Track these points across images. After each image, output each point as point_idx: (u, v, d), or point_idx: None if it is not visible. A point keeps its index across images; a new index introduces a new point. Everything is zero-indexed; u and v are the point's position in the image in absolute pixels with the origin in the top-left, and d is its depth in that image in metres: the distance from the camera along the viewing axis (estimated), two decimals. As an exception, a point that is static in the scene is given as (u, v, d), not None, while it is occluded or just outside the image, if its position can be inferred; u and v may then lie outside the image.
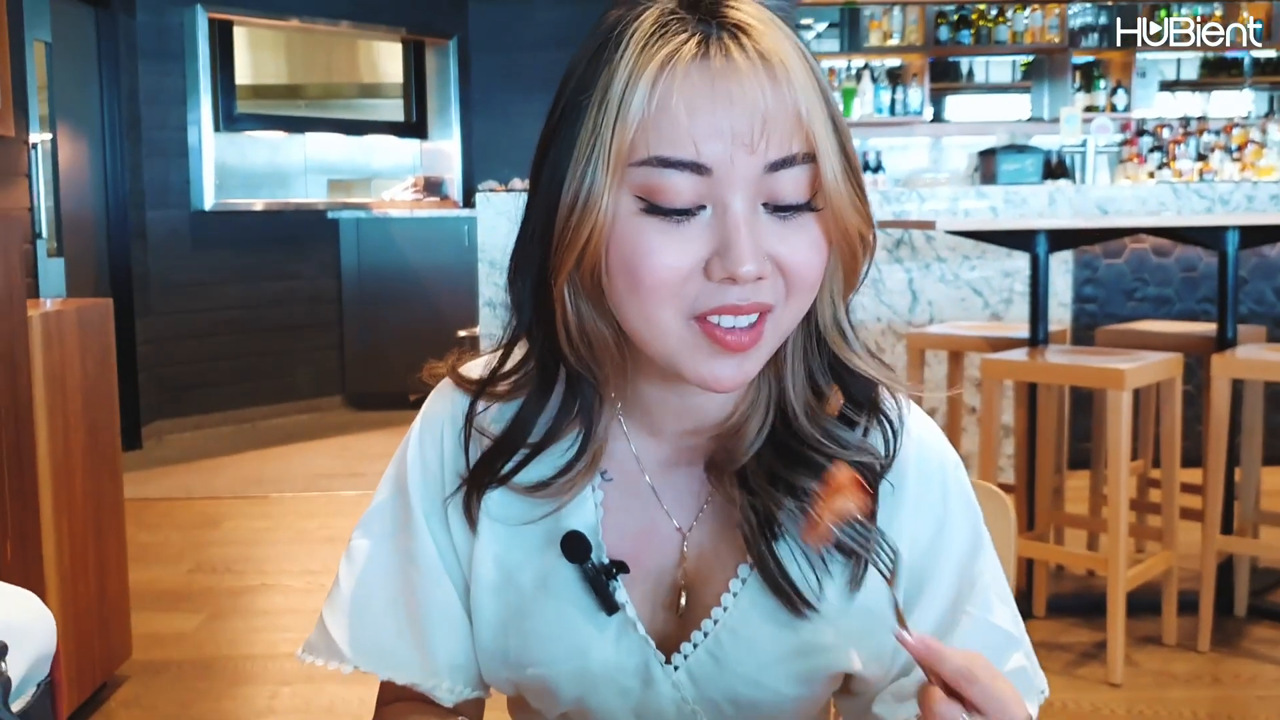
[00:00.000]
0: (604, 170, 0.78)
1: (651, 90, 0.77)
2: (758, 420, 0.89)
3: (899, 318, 4.84)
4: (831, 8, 7.34)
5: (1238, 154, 7.04)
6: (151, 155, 6.20)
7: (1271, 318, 5.03)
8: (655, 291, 0.79)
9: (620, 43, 0.79)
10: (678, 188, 0.78)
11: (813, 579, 0.88)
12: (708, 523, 0.92)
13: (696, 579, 0.91)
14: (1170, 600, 3.19)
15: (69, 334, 2.82)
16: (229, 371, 6.47)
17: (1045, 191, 5.02)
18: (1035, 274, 3.39)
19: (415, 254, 6.80)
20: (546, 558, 0.90)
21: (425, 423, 0.96)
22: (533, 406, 0.89)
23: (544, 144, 0.84)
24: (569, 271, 0.82)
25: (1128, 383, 2.88)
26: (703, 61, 0.77)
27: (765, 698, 0.90)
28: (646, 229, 0.79)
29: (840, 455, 0.87)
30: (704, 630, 0.90)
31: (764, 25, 0.79)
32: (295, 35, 7.08)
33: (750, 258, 0.78)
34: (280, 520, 4.61)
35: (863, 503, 0.81)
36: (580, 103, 0.80)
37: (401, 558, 0.94)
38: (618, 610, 0.89)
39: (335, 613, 0.94)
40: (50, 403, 2.71)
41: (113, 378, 3.06)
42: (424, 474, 0.94)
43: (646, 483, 0.92)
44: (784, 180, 0.79)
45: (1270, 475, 4.24)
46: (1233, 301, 3.32)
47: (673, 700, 0.90)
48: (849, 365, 0.89)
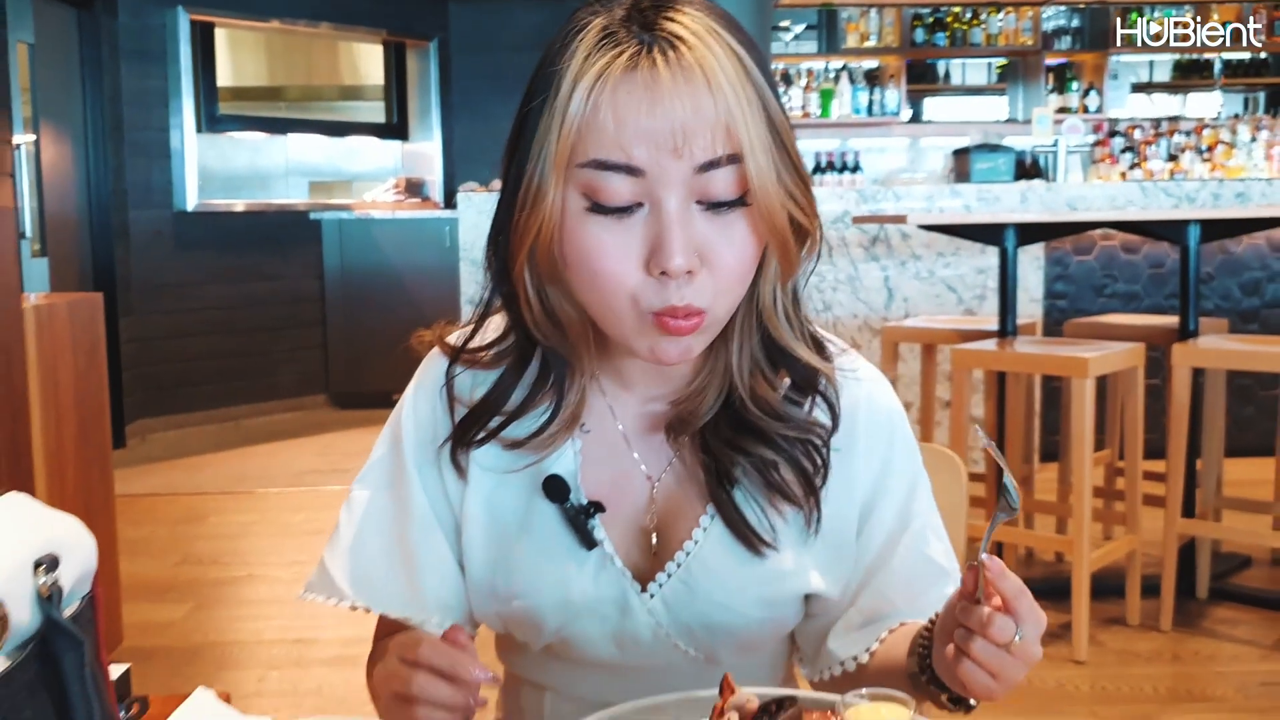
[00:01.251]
0: (551, 169, 0.88)
1: (587, 98, 0.86)
2: (714, 391, 0.99)
3: (875, 314, 4.93)
4: (809, 9, 7.44)
5: (1208, 154, 7.17)
6: (134, 156, 6.25)
7: (1238, 313, 5.15)
8: (608, 285, 0.89)
9: (568, 50, 0.89)
10: (615, 188, 0.87)
11: (767, 524, 0.98)
12: (676, 473, 1.02)
13: (666, 520, 1.02)
14: (1134, 582, 3.29)
15: (60, 327, 2.88)
16: (212, 371, 6.51)
17: (1017, 190, 5.12)
18: (1004, 267, 3.49)
19: (397, 254, 6.86)
20: (531, 501, 1.00)
21: (419, 385, 1.06)
22: (510, 377, 0.99)
23: (511, 138, 0.93)
24: (523, 259, 0.92)
25: (1090, 370, 2.98)
26: (631, 74, 0.86)
27: (734, 621, 0.99)
28: (592, 225, 0.89)
29: (782, 430, 0.98)
30: (677, 562, 1.00)
31: (698, 37, 0.87)
32: (276, 37, 7.14)
33: (679, 252, 0.87)
34: (265, 515, 4.66)
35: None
36: (535, 105, 0.90)
37: (396, 507, 1.03)
38: (596, 546, 0.99)
39: (335, 555, 1.04)
40: (43, 395, 2.78)
41: (103, 371, 3.12)
42: (417, 431, 1.04)
43: (621, 435, 1.03)
44: (714, 180, 0.87)
45: (1239, 466, 4.37)
46: (1194, 294, 3.42)
47: (649, 626, 1.00)
48: (784, 348, 0.98)
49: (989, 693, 0.83)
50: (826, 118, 7.49)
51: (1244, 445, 4.88)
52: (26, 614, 0.73)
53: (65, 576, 0.77)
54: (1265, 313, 5.11)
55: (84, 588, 0.81)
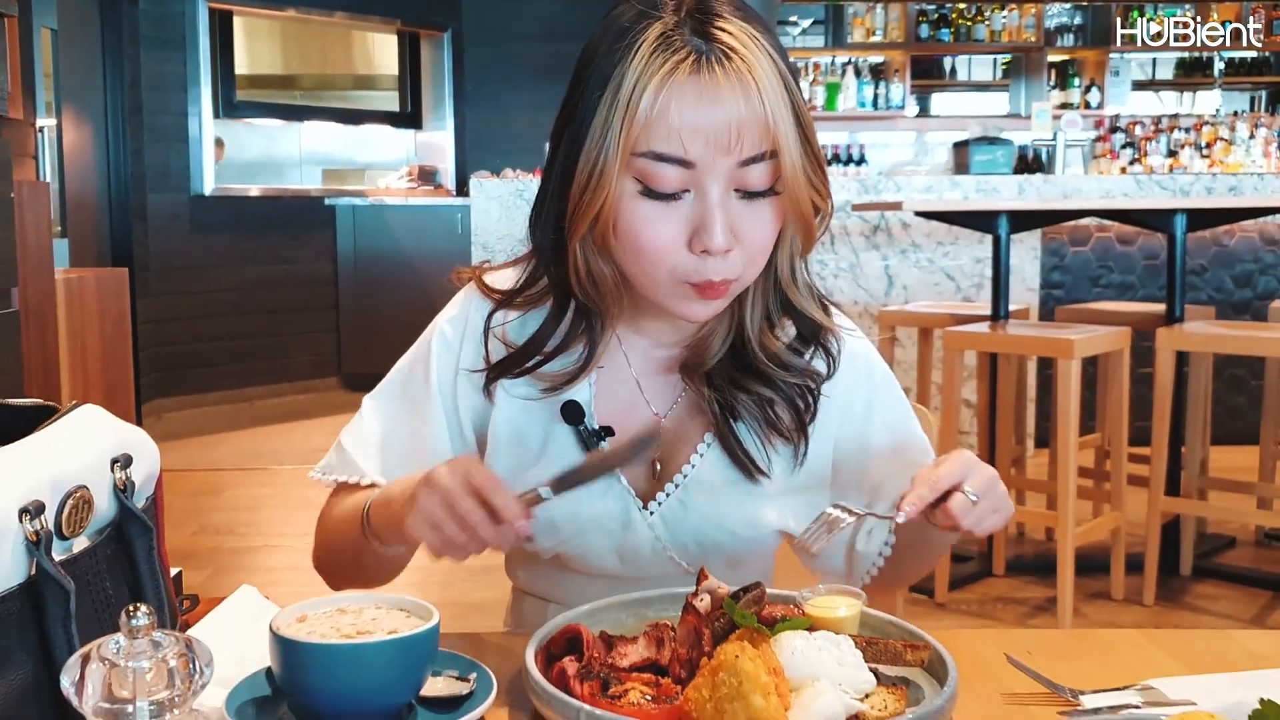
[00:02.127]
0: (613, 156, 1.01)
1: (654, 97, 0.99)
2: (720, 336, 1.15)
3: (875, 301, 5.05)
4: (816, 5, 7.55)
5: (1207, 150, 7.27)
6: (153, 140, 6.37)
7: (1230, 305, 5.26)
8: (652, 260, 1.04)
9: (631, 48, 1.00)
10: (668, 176, 1.00)
11: (764, 453, 1.13)
12: (679, 412, 1.18)
13: (668, 452, 1.16)
14: (1118, 559, 3.41)
15: (89, 299, 3.01)
16: (227, 352, 6.64)
17: (1015, 181, 5.23)
18: (997, 253, 3.61)
19: (410, 240, 6.98)
20: (551, 426, 1.15)
21: (452, 318, 1.19)
22: (550, 326, 1.14)
23: (563, 120, 1.07)
24: (583, 234, 1.06)
25: (1076, 351, 3.09)
26: (694, 77, 0.99)
27: (724, 538, 1.14)
28: (643, 207, 1.02)
29: (784, 375, 1.13)
30: (675, 483, 1.14)
31: (746, 48, 1.00)
32: (292, 26, 7.26)
33: (720, 235, 1.01)
34: (280, 489, 4.80)
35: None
36: (596, 94, 1.01)
37: (412, 407, 1.18)
38: None
39: (352, 438, 1.18)
40: (71, 361, 2.91)
41: (128, 343, 3.25)
42: (445, 352, 1.18)
43: (632, 376, 1.18)
44: (752, 172, 1.01)
45: (1230, 454, 4.48)
46: (1180, 280, 3.53)
47: (648, 541, 1.14)
48: (798, 308, 1.14)
49: (986, 529, 0.98)
50: (832, 111, 7.59)
51: (1235, 433, 4.99)
52: (106, 502, 0.86)
53: (136, 474, 0.90)
54: (1257, 304, 5.21)
55: (149, 489, 0.94)
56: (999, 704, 0.91)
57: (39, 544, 0.75)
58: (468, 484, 0.92)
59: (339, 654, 0.80)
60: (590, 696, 0.82)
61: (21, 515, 0.75)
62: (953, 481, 0.95)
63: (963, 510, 0.95)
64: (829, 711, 0.80)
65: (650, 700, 0.83)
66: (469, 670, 0.89)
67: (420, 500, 0.93)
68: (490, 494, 0.92)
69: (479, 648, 0.94)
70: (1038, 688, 0.92)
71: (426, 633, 0.83)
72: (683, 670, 0.87)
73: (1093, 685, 0.93)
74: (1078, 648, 1.06)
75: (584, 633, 0.90)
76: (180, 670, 0.61)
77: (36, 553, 0.75)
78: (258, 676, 0.87)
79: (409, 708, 0.85)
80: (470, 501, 0.92)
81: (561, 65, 6.69)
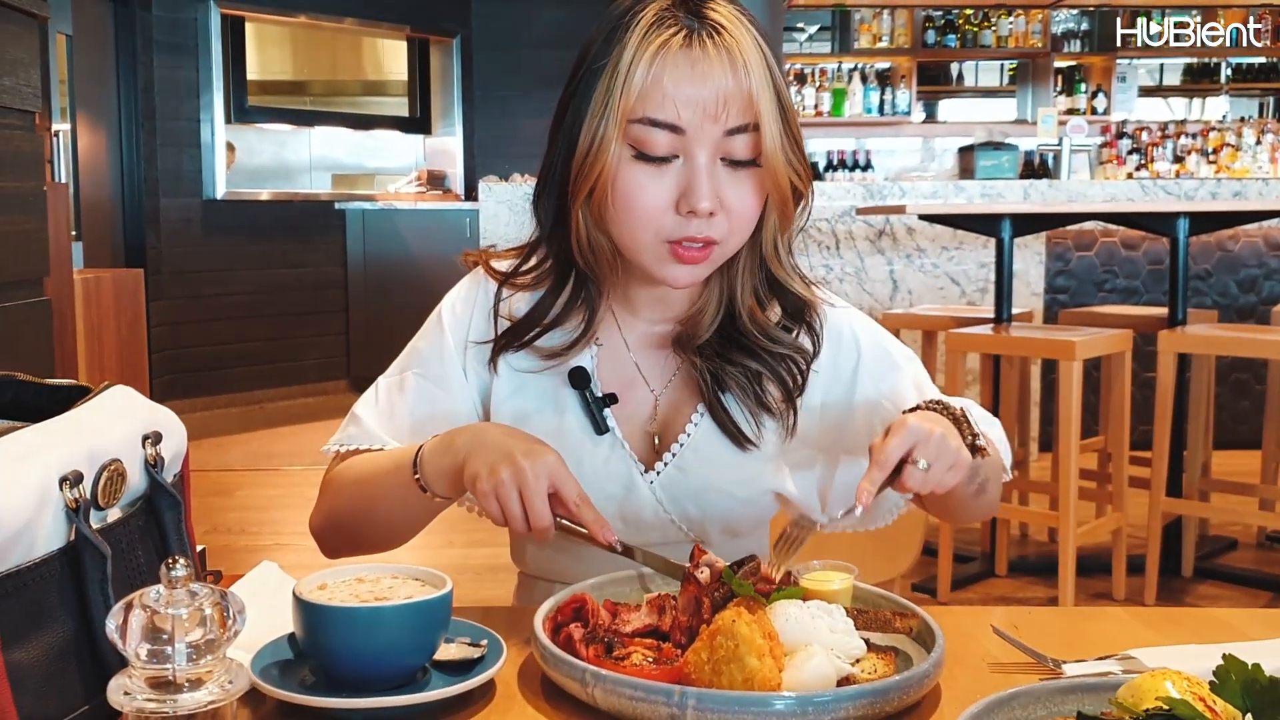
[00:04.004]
0: (614, 124, 1.09)
1: (649, 68, 1.07)
2: (711, 312, 1.22)
3: (880, 305, 5.09)
4: (823, 11, 7.60)
5: (1213, 156, 7.31)
6: (165, 145, 6.44)
7: (1235, 309, 5.29)
8: (641, 220, 1.11)
9: (629, 27, 1.09)
10: (659, 141, 1.09)
11: (752, 424, 1.20)
12: (674, 389, 1.24)
13: (665, 424, 1.23)
14: (1120, 560, 3.44)
15: (106, 299, 3.07)
16: (238, 355, 6.70)
17: (1020, 186, 5.28)
18: (1000, 256, 3.65)
19: (419, 244, 7.04)
20: (553, 395, 1.22)
21: (460, 299, 1.26)
22: (550, 298, 1.22)
23: (565, 99, 1.16)
24: (583, 199, 1.13)
25: (1078, 353, 3.13)
26: (686, 51, 1.08)
27: (722, 502, 1.20)
28: (635, 171, 1.11)
29: (773, 350, 1.20)
30: (672, 452, 1.21)
31: (734, 26, 1.09)
32: (304, 32, 7.32)
33: (705, 197, 1.09)
34: (291, 489, 4.85)
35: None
36: (596, 69, 1.11)
37: (429, 376, 1.23)
38: (608, 431, 1.20)
39: (370, 410, 1.24)
40: (89, 359, 2.96)
41: (143, 342, 3.31)
42: (456, 324, 1.24)
43: (630, 357, 1.24)
44: (737, 142, 1.09)
45: (1233, 458, 4.51)
46: (1183, 284, 3.57)
47: (650, 505, 1.20)
48: (783, 284, 1.22)
49: (946, 486, 1.02)
50: (839, 117, 7.64)
51: (1239, 438, 5.02)
52: (137, 476, 0.90)
53: (165, 451, 0.94)
54: (1262, 309, 5.24)
55: (176, 466, 0.98)
56: (985, 672, 0.95)
57: (78, 511, 0.80)
58: (552, 487, 1.00)
59: (359, 617, 0.85)
60: (595, 659, 0.87)
61: (62, 484, 0.80)
62: (900, 454, 0.99)
63: (916, 481, 0.99)
64: (821, 674, 0.84)
65: (652, 662, 0.87)
66: (480, 637, 0.94)
67: (500, 475, 1.00)
68: (582, 510, 1.01)
69: (489, 618, 0.99)
70: (1022, 657, 0.97)
71: (441, 598, 0.87)
72: (683, 637, 0.92)
73: (1075, 656, 0.97)
74: (1063, 623, 1.10)
75: (589, 601, 0.94)
76: (215, 617, 0.66)
77: (76, 519, 0.80)
78: (280, 642, 0.92)
79: (423, 671, 0.90)
80: (545, 507, 1.00)
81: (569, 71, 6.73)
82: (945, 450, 1.01)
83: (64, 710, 0.79)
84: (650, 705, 0.81)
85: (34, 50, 2.12)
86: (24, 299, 2.08)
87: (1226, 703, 0.73)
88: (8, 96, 2.01)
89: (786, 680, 0.83)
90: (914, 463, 0.99)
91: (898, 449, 0.99)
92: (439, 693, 0.86)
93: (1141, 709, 0.73)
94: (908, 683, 0.85)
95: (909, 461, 0.99)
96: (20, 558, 0.77)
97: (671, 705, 0.80)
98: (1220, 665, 0.73)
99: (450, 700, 0.87)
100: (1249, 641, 0.99)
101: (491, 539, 4.42)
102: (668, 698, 0.80)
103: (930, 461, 0.99)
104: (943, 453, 1.00)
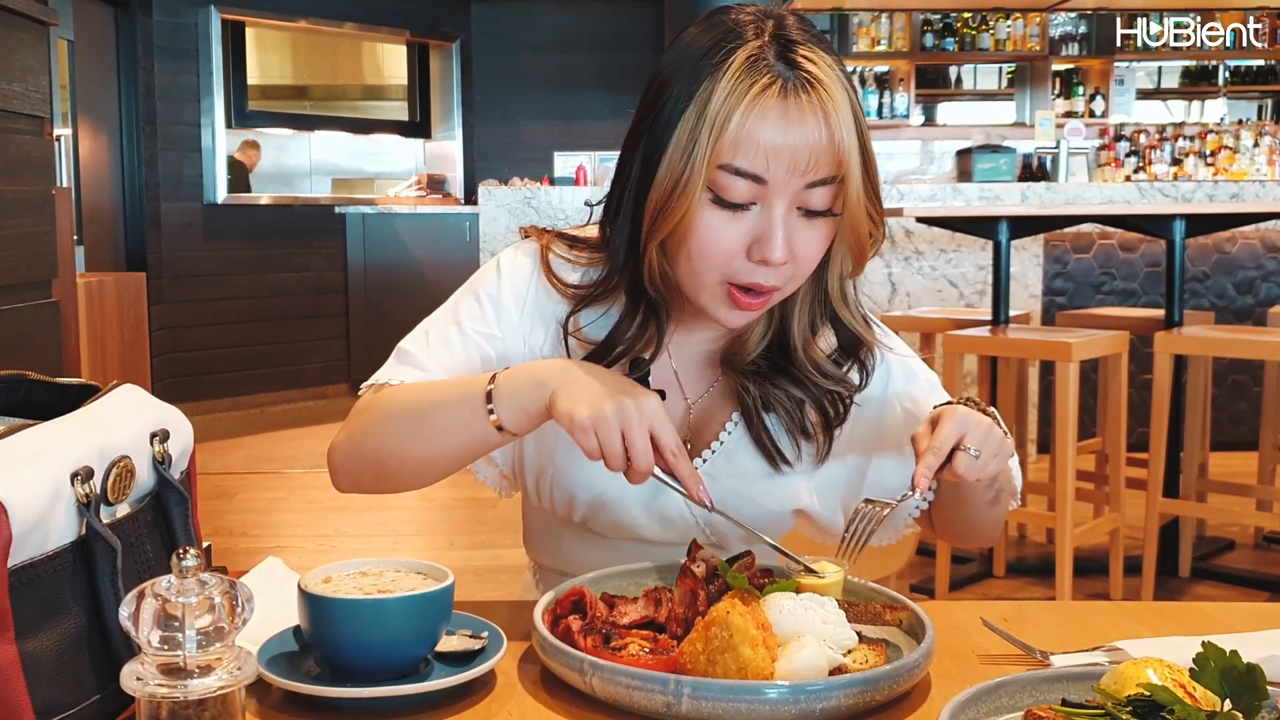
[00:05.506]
0: (699, 167, 1.06)
1: (744, 117, 1.05)
2: (758, 335, 1.22)
3: (878, 307, 5.11)
4: (821, 14, 7.63)
5: (1211, 158, 7.33)
6: (166, 150, 6.47)
7: (1232, 311, 5.31)
8: (711, 262, 1.10)
9: (720, 68, 1.06)
10: (740, 189, 1.07)
11: (793, 446, 1.22)
12: (708, 400, 1.26)
13: (696, 431, 1.25)
14: (1117, 560, 3.46)
15: (109, 302, 3.09)
16: (239, 359, 6.73)
17: (1018, 189, 5.30)
18: (997, 258, 3.67)
19: (419, 248, 7.07)
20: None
21: (517, 273, 1.24)
22: (626, 323, 1.20)
23: (641, 130, 1.13)
24: (662, 238, 1.12)
25: (1074, 354, 3.16)
26: (780, 101, 1.05)
27: (748, 510, 1.20)
28: (712, 215, 1.08)
29: (821, 383, 1.21)
30: (704, 458, 1.22)
31: (826, 78, 1.07)
32: (304, 37, 7.35)
33: (780, 250, 1.08)
34: (292, 493, 4.87)
35: None
36: (681, 106, 1.08)
37: (484, 314, 1.22)
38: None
39: (417, 344, 1.21)
40: (91, 362, 2.99)
41: (145, 345, 3.33)
42: (515, 297, 1.22)
43: (669, 363, 1.25)
44: (816, 194, 1.08)
45: (1231, 459, 4.53)
46: (1179, 285, 3.59)
47: (676, 506, 1.21)
48: (844, 322, 1.22)
49: (990, 473, 1.06)
50: (838, 120, 7.65)
51: (1237, 439, 5.05)
52: (146, 472, 0.93)
53: (173, 448, 0.97)
54: (1259, 310, 5.26)
55: (183, 463, 1.01)
56: (974, 663, 0.98)
57: (89, 506, 0.82)
58: (651, 432, 1.01)
59: (363, 608, 0.87)
60: (593, 649, 0.89)
61: (73, 480, 0.82)
62: (954, 440, 1.03)
63: (968, 468, 1.03)
64: (813, 663, 0.86)
65: (648, 653, 0.90)
66: (481, 630, 0.96)
67: (605, 412, 1.01)
68: (679, 461, 1.02)
69: (490, 611, 1.01)
70: (1011, 649, 0.99)
71: (442, 590, 0.90)
72: (679, 628, 0.94)
73: (1064, 648, 0.99)
74: (1052, 617, 1.12)
75: (587, 594, 0.97)
76: (225, 605, 0.68)
77: (87, 513, 0.82)
78: (286, 634, 0.94)
79: (425, 661, 0.92)
80: (649, 448, 1.01)
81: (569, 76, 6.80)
82: (993, 438, 1.05)
83: (76, 700, 0.81)
84: (647, 694, 0.83)
85: (42, 57, 2.15)
86: (34, 300, 2.11)
87: (1206, 689, 0.75)
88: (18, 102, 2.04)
89: (779, 670, 0.85)
90: (965, 449, 1.03)
91: (951, 435, 1.03)
92: (441, 682, 0.88)
93: (1123, 696, 0.75)
94: (898, 672, 0.87)
95: (960, 449, 1.03)
96: (33, 551, 0.79)
97: (667, 694, 0.82)
98: (1200, 653, 0.75)
99: (452, 690, 0.89)
100: (1235, 635, 1.01)
101: (493, 540, 4.44)
102: (664, 686, 0.83)
103: (980, 449, 1.03)
104: (990, 440, 1.05)
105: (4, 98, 2.15)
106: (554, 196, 5.45)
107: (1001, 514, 1.25)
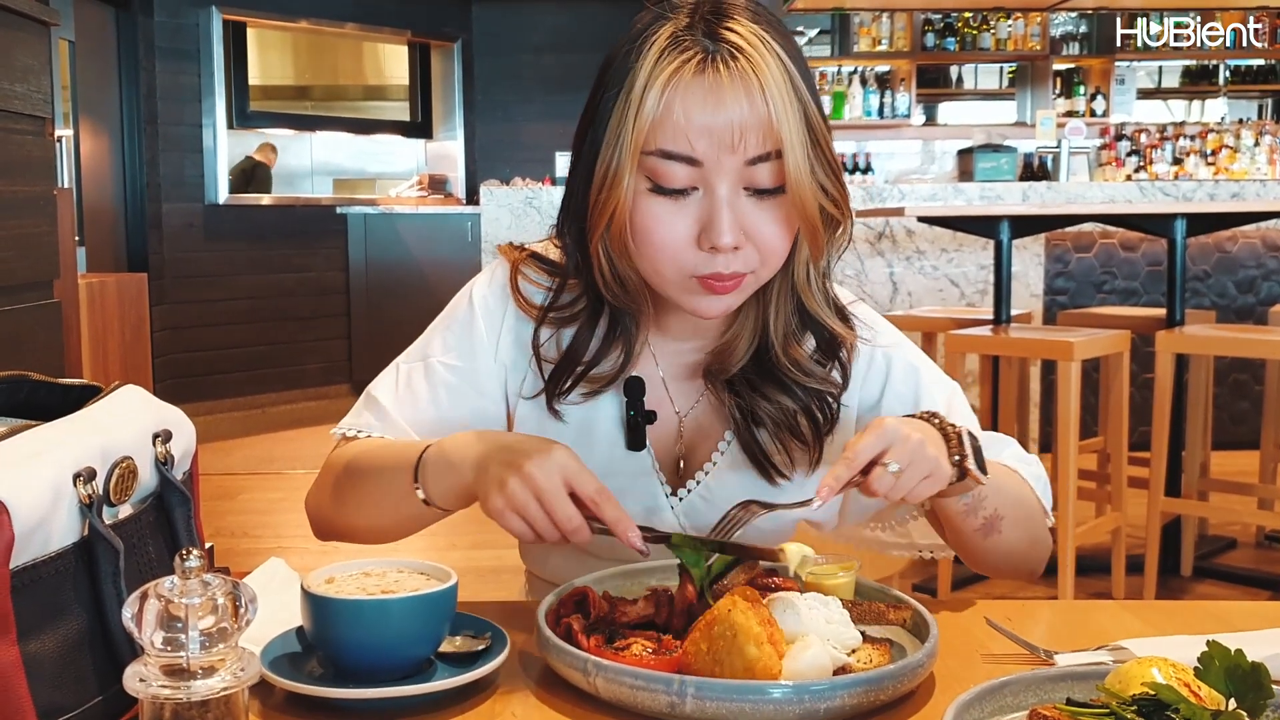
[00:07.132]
0: (627, 156, 1.03)
1: (660, 96, 1.01)
2: (745, 342, 1.17)
3: (880, 307, 5.09)
4: (823, 14, 7.63)
5: (1212, 158, 7.33)
6: (167, 150, 6.46)
7: (1234, 310, 5.31)
8: (662, 256, 1.06)
9: (642, 50, 1.03)
10: (675, 174, 1.03)
11: (786, 459, 1.18)
12: (700, 413, 1.22)
13: (690, 448, 1.22)
14: (1119, 559, 3.46)
15: (110, 302, 3.09)
16: (240, 359, 6.72)
17: (1019, 188, 5.30)
18: (999, 257, 3.67)
19: (420, 249, 7.06)
20: (588, 412, 1.19)
21: (490, 299, 1.21)
22: (585, 333, 1.16)
23: (584, 124, 1.10)
24: (601, 233, 1.08)
25: (1076, 354, 3.15)
26: (699, 77, 1.01)
27: (743, 531, 1.17)
28: (653, 204, 1.04)
29: (806, 384, 1.16)
30: (697, 480, 1.20)
31: (753, 47, 1.01)
32: (305, 37, 7.35)
33: (726, 232, 1.02)
34: (293, 493, 4.87)
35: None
36: (610, 97, 1.04)
37: (459, 375, 1.19)
38: (645, 448, 1.18)
39: (389, 394, 1.19)
40: (93, 362, 2.98)
41: (146, 346, 3.33)
42: (488, 316, 1.20)
43: (659, 377, 1.21)
44: (760, 171, 1.03)
45: (1233, 458, 4.53)
46: (1181, 285, 3.59)
47: (672, 527, 1.19)
48: (815, 316, 1.16)
49: (919, 497, 0.98)
50: (839, 120, 7.66)
51: (1239, 438, 5.04)
52: (148, 473, 0.93)
53: (175, 449, 0.96)
54: (1260, 309, 5.26)
55: (186, 464, 1.00)
56: (978, 662, 0.97)
57: (91, 507, 0.82)
58: (568, 486, 0.95)
59: (366, 609, 0.87)
60: (596, 649, 0.89)
61: (75, 480, 0.82)
62: (871, 454, 0.95)
63: (882, 484, 0.95)
64: (818, 662, 0.86)
65: (651, 653, 0.89)
66: (484, 630, 0.96)
67: (511, 488, 0.95)
68: (601, 507, 0.95)
69: (493, 612, 1.01)
70: (1015, 648, 0.99)
71: (446, 591, 0.89)
72: (681, 621, 0.94)
73: (1068, 647, 0.99)
74: (1056, 616, 1.12)
75: (590, 593, 0.96)
76: (228, 606, 0.68)
77: (89, 514, 0.82)
78: (289, 635, 0.94)
79: (429, 662, 0.92)
80: (570, 508, 0.95)
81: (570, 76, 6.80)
82: (921, 458, 0.96)
83: (79, 701, 0.81)
84: (650, 694, 0.83)
85: (44, 58, 2.15)
86: (35, 301, 2.11)
87: (1211, 688, 0.74)
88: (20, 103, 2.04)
89: (783, 670, 0.85)
90: (884, 464, 0.94)
91: (869, 448, 0.95)
92: (444, 683, 0.88)
93: (1128, 695, 0.75)
94: (902, 672, 0.87)
95: (879, 463, 0.95)
96: (36, 552, 0.79)
97: (671, 694, 0.82)
98: (1205, 652, 0.75)
99: (455, 690, 0.89)
100: (1240, 633, 1.01)
101: (495, 541, 4.43)
102: (667, 686, 0.82)
103: (902, 466, 0.94)
104: (918, 460, 0.95)
105: (5, 98, 2.15)
106: (555, 196, 5.45)
107: (1011, 545, 1.14)
